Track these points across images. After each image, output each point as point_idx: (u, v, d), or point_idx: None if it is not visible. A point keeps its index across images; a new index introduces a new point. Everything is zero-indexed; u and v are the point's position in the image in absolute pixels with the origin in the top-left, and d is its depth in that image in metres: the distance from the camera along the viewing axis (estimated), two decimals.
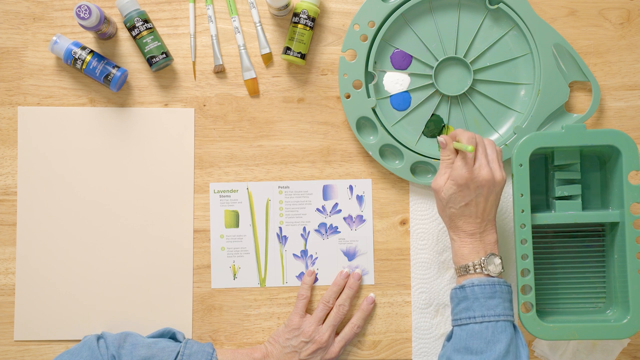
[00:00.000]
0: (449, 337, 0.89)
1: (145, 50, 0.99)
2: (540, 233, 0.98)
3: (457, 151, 0.89)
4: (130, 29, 0.99)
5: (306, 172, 1.03)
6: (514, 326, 0.87)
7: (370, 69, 1.00)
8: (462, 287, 0.88)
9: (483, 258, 0.88)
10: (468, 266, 0.88)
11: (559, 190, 0.96)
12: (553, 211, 0.96)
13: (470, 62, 1.00)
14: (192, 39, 1.02)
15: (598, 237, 0.98)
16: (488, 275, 0.88)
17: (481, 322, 0.85)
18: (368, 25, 0.99)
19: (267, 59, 1.03)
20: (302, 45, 1.00)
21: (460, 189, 0.87)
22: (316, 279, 1.02)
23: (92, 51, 0.99)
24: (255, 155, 1.03)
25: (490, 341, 0.84)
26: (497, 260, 0.88)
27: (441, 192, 0.89)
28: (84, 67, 0.98)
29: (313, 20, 1.00)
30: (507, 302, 0.87)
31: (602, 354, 1.00)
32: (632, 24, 1.03)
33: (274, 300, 1.02)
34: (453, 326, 0.89)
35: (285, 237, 1.02)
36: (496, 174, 0.88)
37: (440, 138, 0.90)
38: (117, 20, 1.02)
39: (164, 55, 0.99)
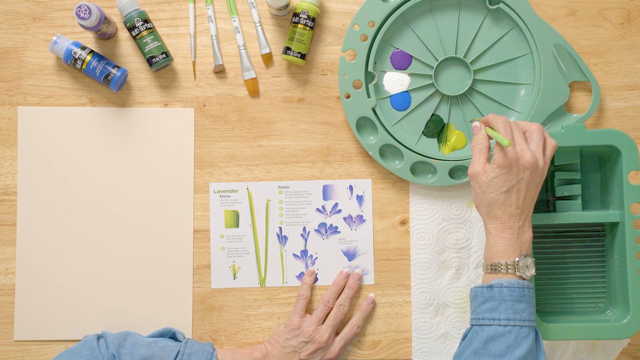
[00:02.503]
0: (465, 336, 0.86)
1: (145, 50, 0.99)
2: (540, 233, 0.98)
3: (489, 137, 0.87)
4: (130, 29, 0.99)
5: (306, 172, 1.03)
6: (536, 332, 0.84)
7: (370, 69, 1.00)
8: (490, 286, 0.84)
9: (517, 259, 0.84)
10: (500, 265, 0.84)
11: (559, 190, 0.96)
12: (553, 211, 0.96)
13: (470, 62, 1.00)
14: (192, 39, 1.02)
15: (598, 237, 0.98)
16: (520, 277, 0.84)
17: (505, 325, 0.82)
18: (368, 25, 0.99)
19: (267, 59, 1.03)
20: (302, 45, 1.00)
21: (503, 172, 0.83)
22: (316, 279, 1.02)
23: (92, 51, 0.99)
24: (255, 155, 1.03)
25: (512, 346, 0.81)
26: (532, 263, 0.85)
27: (481, 177, 0.85)
28: (84, 67, 0.98)
29: (313, 20, 1.00)
30: (532, 307, 0.84)
31: (602, 354, 1.00)
32: (632, 24, 1.03)
33: (274, 300, 1.02)
34: (472, 325, 0.85)
35: (285, 237, 1.02)
36: (539, 159, 0.84)
37: (475, 123, 0.88)
38: (117, 20, 1.02)
39: (164, 55, 0.99)
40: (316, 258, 1.02)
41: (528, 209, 0.85)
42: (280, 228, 1.02)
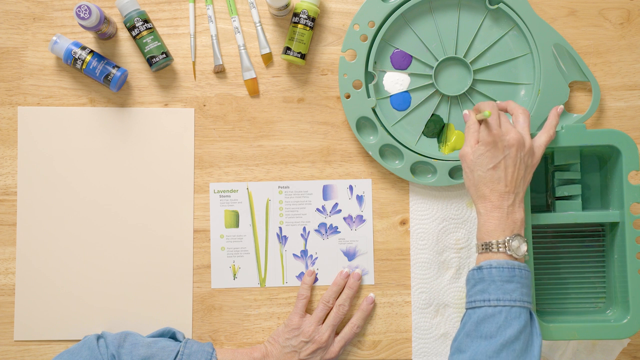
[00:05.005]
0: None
1: (145, 50, 0.99)
2: (540, 233, 0.98)
3: (480, 123, 0.89)
4: (130, 29, 0.99)
5: (306, 172, 1.03)
6: (531, 314, 0.84)
7: (370, 69, 1.00)
8: (479, 268, 0.84)
9: (508, 238, 0.84)
10: (491, 244, 0.84)
11: (559, 190, 0.96)
12: (553, 211, 0.96)
13: (470, 62, 1.00)
14: (192, 39, 1.02)
15: (598, 237, 0.98)
16: (511, 256, 0.84)
17: (495, 306, 0.82)
18: (368, 25, 0.99)
19: (267, 59, 1.03)
20: (302, 45, 1.00)
21: (488, 148, 0.85)
22: (316, 279, 1.02)
23: (92, 51, 0.99)
24: (255, 155, 1.03)
25: (502, 326, 0.81)
26: (523, 242, 0.84)
27: (469, 156, 0.87)
28: (84, 67, 0.98)
29: (313, 20, 1.00)
30: (526, 287, 0.83)
31: (602, 354, 1.00)
32: (632, 24, 1.03)
33: (274, 300, 1.02)
34: (467, 309, 0.85)
35: (285, 237, 1.02)
36: (527, 138, 0.86)
37: (465, 111, 0.91)
38: (117, 20, 1.02)
39: (164, 55, 0.99)
40: (316, 258, 1.02)
41: (517, 188, 0.86)
42: (280, 228, 1.02)
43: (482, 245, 0.86)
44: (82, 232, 1.01)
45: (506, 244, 0.84)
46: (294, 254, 1.02)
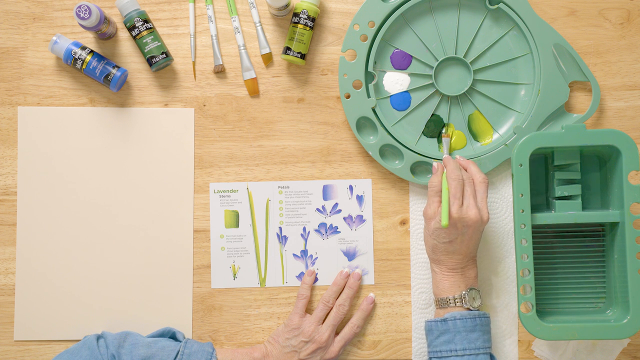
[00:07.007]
0: None
1: (145, 50, 0.99)
2: (540, 233, 0.98)
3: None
4: (130, 29, 0.99)
5: (306, 172, 1.03)
6: (491, 356, 0.90)
7: (370, 69, 1.00)
8: (444, 320, 0.90)
9: (464, 292, 0.90)
10: (448, 299, 0.91)
11: (559, 190, 0.96)
12: (553, 211, 0.96)
13: (470, 62, 1.00)
14: (192, 39, 1.02)
15: (598, 237, 0.98)
16: (468, 308, 0.90)
17: (462, 355, 0.88)
18: (368, 25, 0.99)
19: (267, 59, 1.03)
20: (302, 45, 1.00)
21: (447, 226, 0.89)
22: (316, 279, 1.02)
23: (92, 51, 0.99)
24: (255, 155, 1.03)
25: None
26: (477, 295, 0.91)
27: (430, 222, 0.91)
28: (84, 67, 0.98)
29: (313, 20, 1.00)
30: (487, 334, 0.90)
31: (602, 354, 1.00)
32: (632, 24, 1.03)
33: (274, 300, 1.02)
34: (431, 358, 0.91)
35: (285, 237, 1.02)
36: (484, 215, 0.90)
37: (435, 163, 0.94)
38: (117, 20, 1.02)
39: (164, 55, 0.99)
40: (316, 258, 1.02)
41: (471, 253, 0.92)
42: (280, 228, 1.02)
43: (439, 300, 0.92)
44: (82, 231, 1.01)
45: (462, 298, 0.90)
46: (294, 254, 1.02)
